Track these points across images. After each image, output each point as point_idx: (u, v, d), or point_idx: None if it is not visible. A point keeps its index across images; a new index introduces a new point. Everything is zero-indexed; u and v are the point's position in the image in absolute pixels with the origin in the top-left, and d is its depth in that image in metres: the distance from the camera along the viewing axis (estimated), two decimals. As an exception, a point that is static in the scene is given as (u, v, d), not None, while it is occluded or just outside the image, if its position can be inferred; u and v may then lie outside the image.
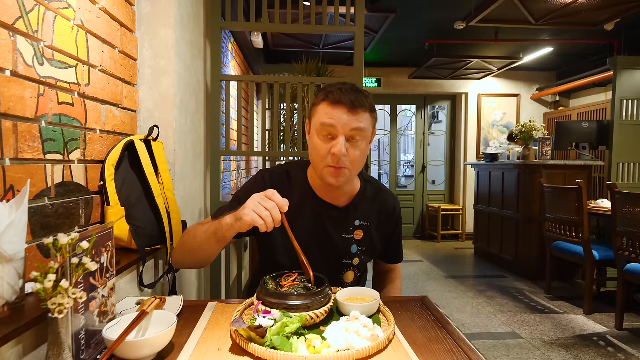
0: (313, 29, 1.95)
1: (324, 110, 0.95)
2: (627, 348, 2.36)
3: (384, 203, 1.14)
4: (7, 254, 0.65)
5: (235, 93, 3.10)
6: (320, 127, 0.95)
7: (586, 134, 3.95)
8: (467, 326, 2.73)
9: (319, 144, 0.96)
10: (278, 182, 1.07)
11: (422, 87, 5.84)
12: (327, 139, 0.95)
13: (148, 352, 0.67)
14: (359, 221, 1.08)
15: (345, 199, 1.08)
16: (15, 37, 0.80)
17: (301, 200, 1.05)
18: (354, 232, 1.08)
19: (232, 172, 3.20)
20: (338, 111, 0.93)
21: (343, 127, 0.93)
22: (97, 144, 1.12)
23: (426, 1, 3.47)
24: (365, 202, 1.10)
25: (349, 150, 0.95)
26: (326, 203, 1.06)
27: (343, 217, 1.07)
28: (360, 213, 1.09)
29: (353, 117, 0.93)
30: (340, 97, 0.93)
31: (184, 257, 1.01)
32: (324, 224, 1.05)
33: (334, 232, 1.06)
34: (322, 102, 0.97)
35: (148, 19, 1.40)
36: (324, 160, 0.96)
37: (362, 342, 0.70)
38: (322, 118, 0.95)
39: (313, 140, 0.99)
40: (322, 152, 0.96)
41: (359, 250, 1.09)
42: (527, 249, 3.84)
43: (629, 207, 2.52)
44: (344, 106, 0.93)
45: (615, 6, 3.07)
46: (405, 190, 6.34)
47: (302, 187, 1.07)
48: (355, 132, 0.94)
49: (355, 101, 0.93)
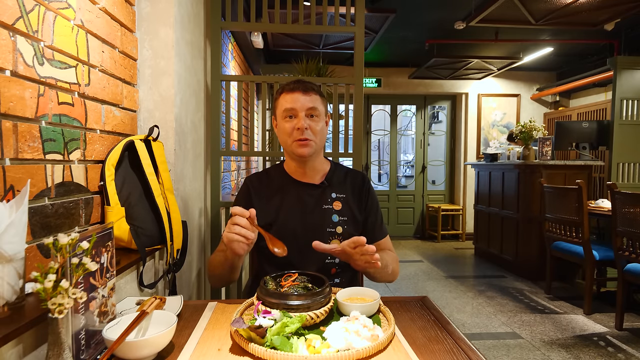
0: (313, 29, 1.95)
1: (283, 99, 1.16)
2: (627, 348, 2.36)
3: (354, 178, 1.30)
4: (7, 254, 0.65)
5: (235, 93, 3.10)
6: (283, 112, 1.15)
7: (586, 134, 3.95)
8: (467, 326, 2.73)
9: (284, 126, 1.15)
10: (258, 182, 1.26)
11: (422, 87, 5.84)
12: (290, 120, 1.15)
13: (148, 352, 0.67)
14: (334, 193, 1.24)
15: (319, 177, 1.25)
16: (15, 37, 0.80)
17: (282, 186, 1.23)
18: (332, 203, 1.22)
19: (232, 172, 3.20)
20: (295, 95, 1.14)
21: (301, 106, 1.13)
22: (97, 144, 1.12)
23: (426, 1, 3.47)
24: (337, 178, 1.27)
25: (310, 125, 1.14)
26: (304, 183, 1.23)
27: (321, 192, 1.23)
28: (335, 187, 1.25)
29: (307, 97, 1.14)
30: (295, 86, 1.15)
31: (217, 283, 1.18)
32: (305, 200, 1.22)
33: (316, 206, 1.22)
34: (281, 94, 1.18)
35: (148, 19, 1.40)
36: (291, 136, 1.14)
37: (362, 342, 0.70)
38: (283, 105, 1.15)
39: (280, 125, 1.17)
40: (288, 130, 1.14)
41: (340, 220, 1.21)
42: (527, 249, 3.84)
43: (629, 207, 2.52)
44: (299, 91, 1.14)
45: (615, 6, 3.07)
46: (405, 190, 6.34)
47: (281, 177, 1.25)
48: (311, 110, 1.14)
49: (307, 86, 1.15)
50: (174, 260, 1.30)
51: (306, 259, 1.13)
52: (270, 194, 1.21)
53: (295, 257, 1.08)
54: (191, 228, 1.63)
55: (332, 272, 1.18)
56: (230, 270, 1.07)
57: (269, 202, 1.20)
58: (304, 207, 1.20)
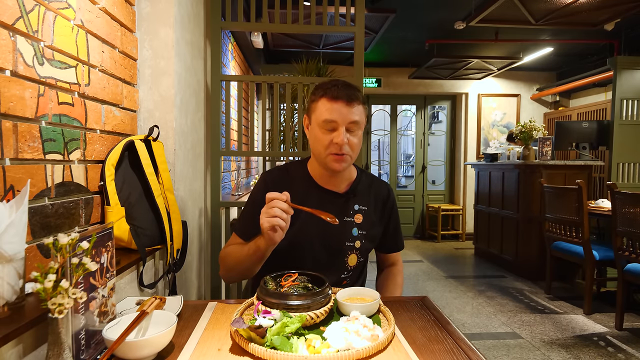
0: (313, 29, 1.95)
1: (324, 106, 1.05)
2: (627, 348, 2.36)
3: (379, 190, 1.24)
4: (7, 254, 0.65)
5: (235, 93, 3.10)
6: (322, 122, 1.05)
7: (586, 134, 3.95)
8: (467, 326, 2.73)
9: (321, 136, 1.06)
10: (277, 178, 1.18)
11: (422, 87, 5.84)
12: (328, 131, 1.05)
13: (148, 352, 0.67)
14: (357, 205, 1.17)
15: (344, 186, 1.18)
16: (15, 37, 0.80)
17: (305, 191, 1.14)
18: (354, 215, 1.16)
19: (232, 172, 3.20)
20: (337, 105, 1.04)
21: (343, 119, 1.03)
22: (97, 144, 1.12)
23: (426, 1, 3.46)
24: (362, 188, 1.20)
25: (349, 139, 1.05)
26: (328, 190, 1.16)
27: (344, 202, 1.16)
28: (359, 198, 1.18)
29: (350, 109, 1.04)
30: (338, 93, 1.04)
31: (232, 276, 1.14)
32: (327, 209, 1.11)
33: (337, 217, 1.12)
34: (321, 98, 1.06)
35: (148, 19, 1.40)
36: (327, 149, 1.06)
37: (362, 342, 0.70)
38: (324, 113, 1.04)
39: (315, 133, 1.08)
40: (325, 143, 1.05)
41: (359, 234, 1.16)
42: (527, 249, 3.84)
43: (629, 207, 2.52)
44: (342, 101, 1.03)
45: (615, 6, 3.07)
46: (405, 190, 6.34)
47: (304, 180, 1.17)
48: (353, 123, 1.05)
49: (351, 95, 1.05)
50: (174, 260, 1.30)
51: (320, 271, 1.05)
52: (291, 193, 1.03)
53: (309, 268, 1.02)
54: (191, 228, 1.63)
55: (343, 283, 1.17)
56: (258, 262, 1.02)
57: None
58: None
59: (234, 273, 1.11)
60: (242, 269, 1.07)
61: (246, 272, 1.08)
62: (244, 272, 1.08)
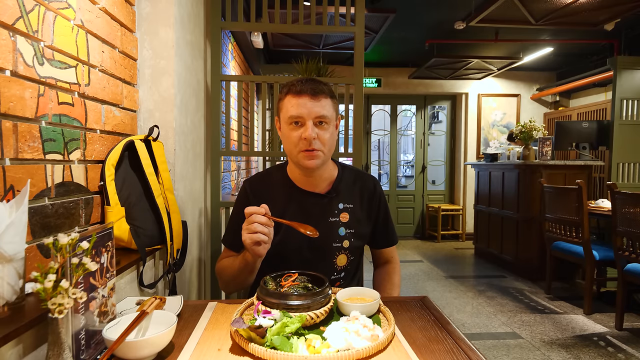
0: (313, 29, 1.95)
1: (289, 103, 1.04)
2: (627, 348, 2.36)
3: (364, 184, 1.20)
4: (7, 254, 0.65)
5: (235, 93, 3.10)
6: (288, 118, 1.04)
7: (586, 134, 3.95)
8: (467, 326, 2.73)
9: (290, 133, 1.05)
10: (258, 187, 1.18)
11: (422, 87, 5.84)
12: (296, 127, 1.04)
13: (148, 352, 0.67)
14: (342, 204, 1.15)
15: (325, 185, 1.15)
16: (15, 37, 0.80)
17: (286, 196, 1.13)
18: (339, 215, 1.14)
19: (232, 172, 3.20)
20: (302, 100, 1.02)
21: (308, 113, 1.02)
22: (97, 144, 1.12)
23: (426, 1, 3.47)
24: (345, 185, 1.17)
25: (319, 134, 1.03)
26: (308, 192, 1.13)
27: (327, 202, 1.14)
28: (343, 196, 1.16)
29: (316, 102, 1.02)
30: (302, 88, 1.03)
31: (230, 289, 1.15)
32: (310, 211, 1.12)
33: (321, 218, 1.12)
34: (286, 95, 1.06)
35: (148, 19, 1.40)
36: (297, 146, 1.04)
37: (362, 342, 0.70)
38: (289, 110, 1.03)
39: (284, 132, 1.07)
40: (294, 140, 1.04)
41: (347, 233, 1.14)
42: (527, 249, 3.84)
43: (629, 207, 2.52)
44: (306, 95, 1.02)
45: (615, 6, 3.07)
46: (405, 190, 6.34)
47: (283, 184, 1.16)
48: (320, 117, 1.03)
49: (315, 89, 1.03)
50: (174, 260, 1.30)
51: None
52: (272, 201, 1.05)
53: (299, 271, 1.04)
54: (191, 228, 1.63)
55: (337, 284, 1.16)
56: (250, 274, 1.04)
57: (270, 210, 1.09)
58: (308, 219, 1.07)
59: (232, 285, 1.12)
60: (238, 282, 1.08)
61: (243, 283, 1.09)
62: (242, 283, 1.09)
